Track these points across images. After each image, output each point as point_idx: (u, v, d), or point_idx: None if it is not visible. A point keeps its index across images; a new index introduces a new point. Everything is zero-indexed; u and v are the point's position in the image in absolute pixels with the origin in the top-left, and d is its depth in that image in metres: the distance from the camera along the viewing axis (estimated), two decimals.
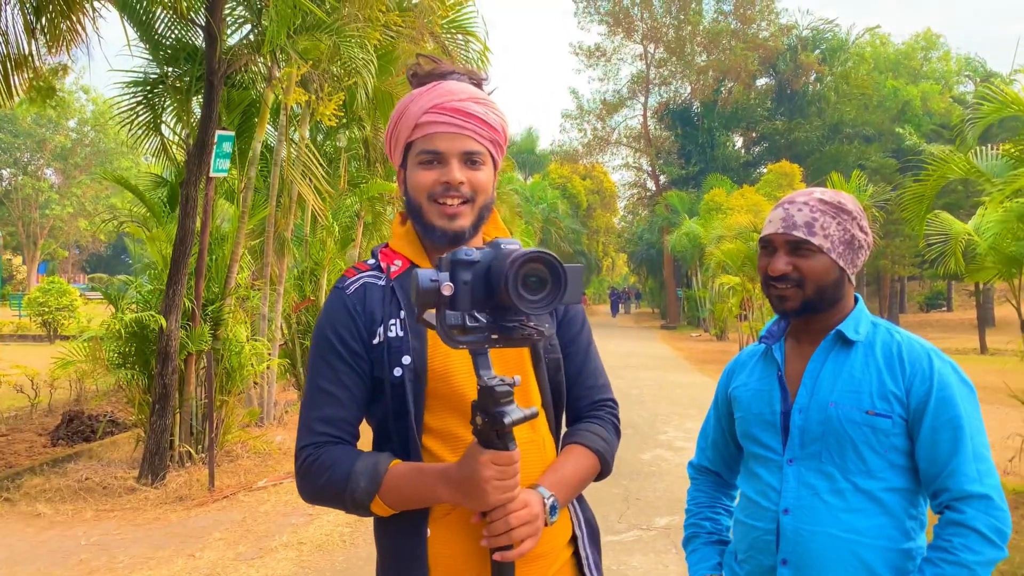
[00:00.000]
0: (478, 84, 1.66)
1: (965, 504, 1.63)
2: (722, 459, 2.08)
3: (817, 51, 40.25)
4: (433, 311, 1.30)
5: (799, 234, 1.75)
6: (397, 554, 1.58)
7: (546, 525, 1.51)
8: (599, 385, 1.77)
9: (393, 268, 1.64)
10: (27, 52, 5.44)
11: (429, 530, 1.55)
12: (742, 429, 1.90)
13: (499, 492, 1.35)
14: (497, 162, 1.67)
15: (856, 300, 1.86)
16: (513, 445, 1.34)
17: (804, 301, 1.77)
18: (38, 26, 5.16)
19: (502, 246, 1.32)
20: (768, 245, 1.82)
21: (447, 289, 1.25)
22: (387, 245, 1.72)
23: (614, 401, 1.79)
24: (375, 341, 1.55)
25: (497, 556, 1.41)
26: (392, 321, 1.57)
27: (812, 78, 40.56)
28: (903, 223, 22.08)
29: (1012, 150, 6.70)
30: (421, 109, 1.58)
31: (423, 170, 1.58)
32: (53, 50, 5.38)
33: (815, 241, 1.75)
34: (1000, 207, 6.36)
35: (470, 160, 1.58)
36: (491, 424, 1.31)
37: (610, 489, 6.52)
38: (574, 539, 1.68)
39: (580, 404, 1.74)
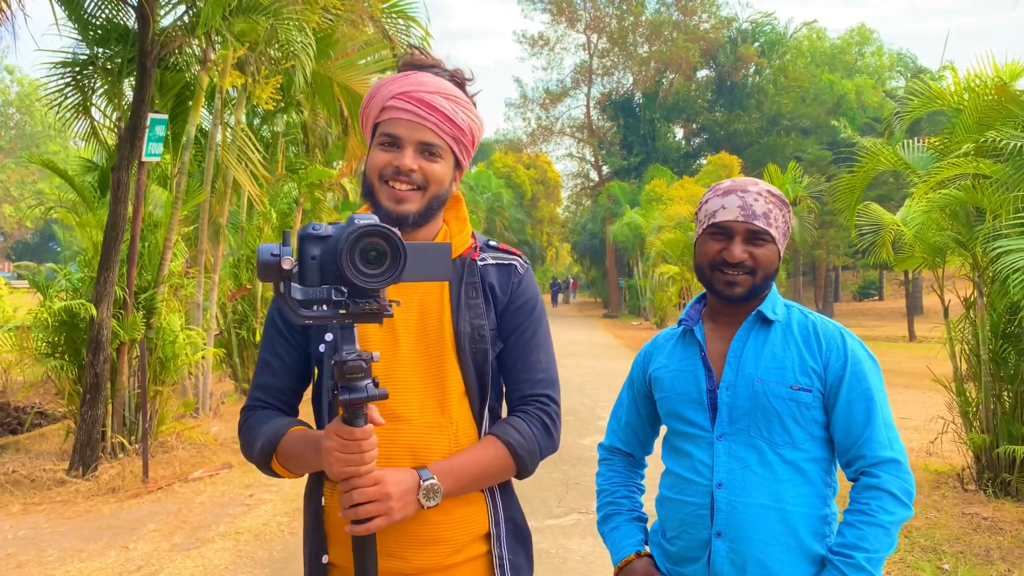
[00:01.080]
0: (460, 83, 1.68)
1: (879, 469, 1.74)
2: (636, 439, 2.13)
3: (756, 44, 41.00)
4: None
5: (760, 224, 1.81)
6: (306, 521, 1.68)
7: (422, 508, 1.50)
8: (535, 380, 1.71)
9: None
10: None
11: (324, 499, 1.63)
12: (667, 408, 1.94)
13: (341, 464, 1.34)
14: (460, 159, 1.68)
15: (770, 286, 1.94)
16: (361, 422, 1.31)
17: (752, 287, 1.83)
18: None
19: (355, 221, 1.28)
20: (725, 231, 1.84)
21: (287, 263, 1.24)
22: None
23: (550, 397, 1.71)
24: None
25: (347, 528, 1.42)
26: None
27: (751, 71, 41.32)
28: (836, 214, 22.72)
29: (937, 143, 6.93)
30: (389, 94, 1.62)
31: (380, 151, 1.62)
32: None
33: (772, 231, 1.83)
34: (925, 198, 6.57)
35: (427, 151, 1.61)
36: (338, 398, 1.30)
37: (550, 474, 6.57)
38: (491, 537, 1.67)
39: (513, 397, 1.73)
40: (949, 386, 6.41)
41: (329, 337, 1.60)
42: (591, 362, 15.53)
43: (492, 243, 1.79)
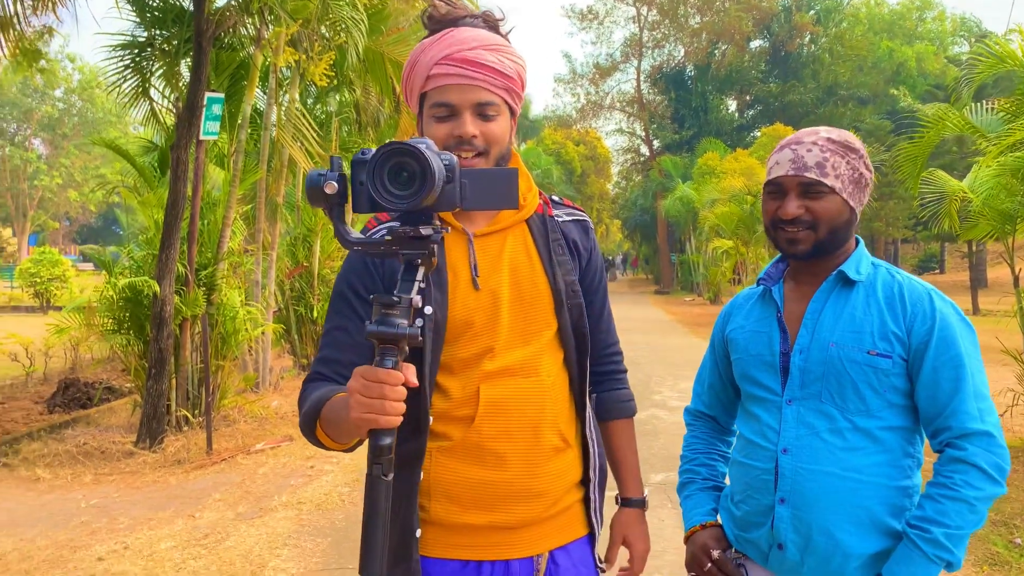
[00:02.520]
0: (494, 27, 1.63)
1: (966, 441, 1.63)
2: (719, 403, 2.07)
3: (812, 12, 39.86)
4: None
5: (811, 175, 1.72)
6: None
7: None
8: (611, 336, 1.87)
9: None
10: (11, 13, 5.34)
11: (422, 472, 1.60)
12: (740, 371, 1.89)
13: (360, 408, 1.21)
14: (514, 110, 1.65)
15: (857, 242, 1.84)
16: (389, 362, 1.20)
17: (816, 243, 1.75)
18: None
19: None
20: (777, 189, 1.78)
21: (329, 188, 1.20)
22: None
23: (620, 351, 1.90)
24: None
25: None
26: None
27: (807, 40, 40.23)
28: (897, 185, 22.09)
29: (1008, 104, 6.67)
30: (432, 60, 1.56)
31: (437, 123, 1.58)
32: (39, 10, 5.29)
33: (827, 182, 1.72)
34: (995, 162, 6.34)
35: (483, 112, 1.57)
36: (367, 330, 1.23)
37: None
38: (585, 482, 1.72)
39: (596, 354, 1.81)
40: (1020, 358, 6.20)
41: (428, 311, 1.57)
42: (644, 337, 15.43)
43: (555, 198, 1.78)
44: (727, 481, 2.01)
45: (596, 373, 1.83)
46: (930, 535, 1.60)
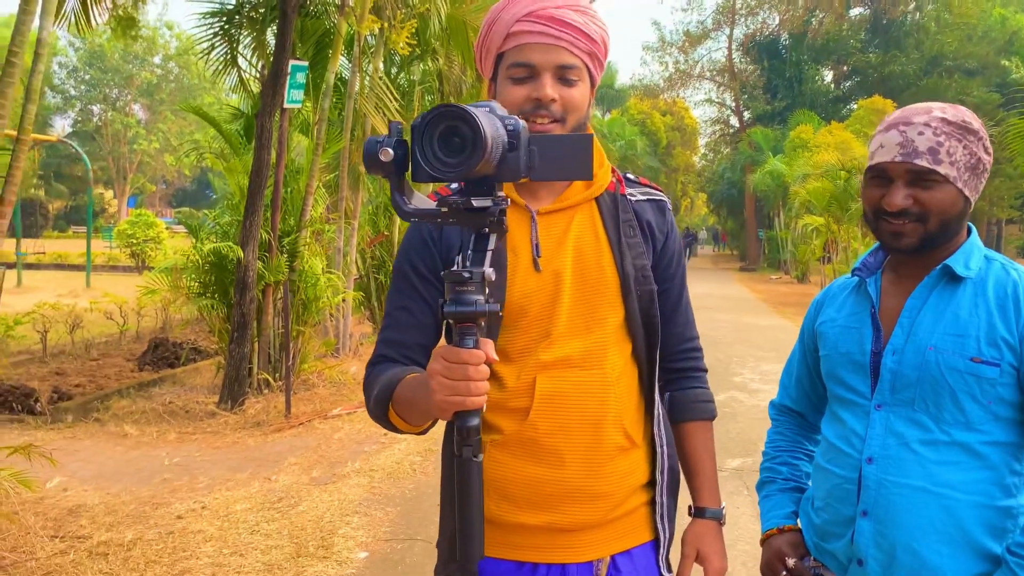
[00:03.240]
0: None
1: None
2: (807, 399, 1.92)
3: None
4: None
5: (923, 163, 1.52)
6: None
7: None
8: (689, 329, 1.72)
9: None
10: None
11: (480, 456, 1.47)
12: (827, 369, 1.73)
13: (444, 391, 1.15)
14: (595, 78, 1.54)
15: (969, 231, 1.63)
16: (470, 342, 1.14)
17: (924, 237, 1.55)
18: None
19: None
20: (882, 175, 1.58)
21: (384, 155, 1.11)
22: None
23: (699, 347, 1.76)
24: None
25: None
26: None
27: (911, 7, 38.25)
28: (1004, 162, 20.88)
29: None
30: (514, 17, 1.47)
31: (514, 85, 1.48)
32: None
33: (941, 170, 1.51)
34: None
35: (564, 76, 1.47)
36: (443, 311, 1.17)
37: None
38: (652, 484, 1.61)
39: (670, 348, 1.68)
40: None
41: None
42: (726, 316, 15.08)
43: (631, 176, 1.66)
44: (810, 481, 1.87)
45: (672, 370, 1.71)
46: None
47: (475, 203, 1.14)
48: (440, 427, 1.52)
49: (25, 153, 3.89)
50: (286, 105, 6.95)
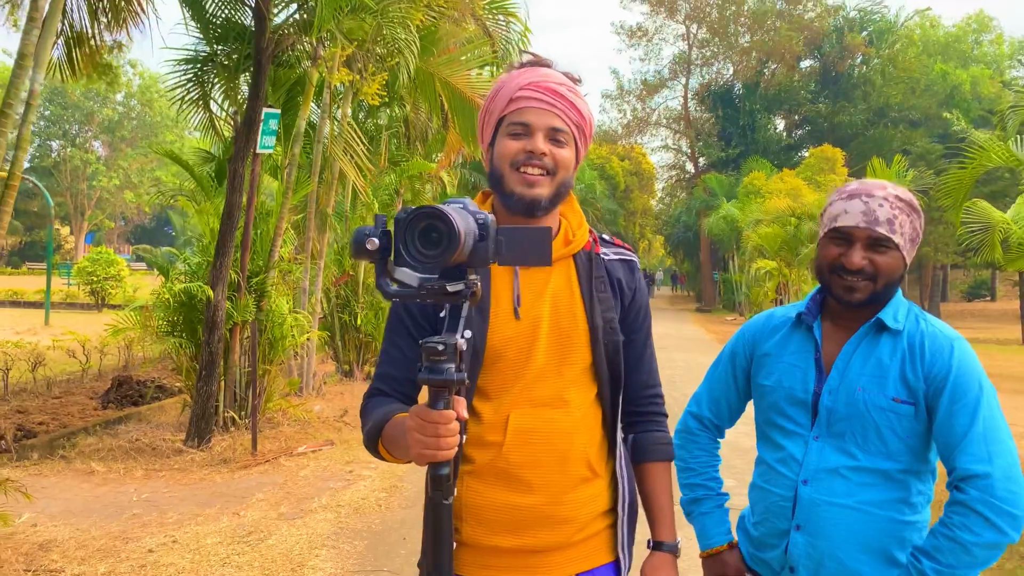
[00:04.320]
0: (577, 83, 1.77)
1: (969, 485, 1.68)
2: (728, 414, 2.16)
3: (864, 33, 39.50)
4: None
5: (883, 231, 1.80)
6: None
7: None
8: (651, 376, 1.90)
9: None
10: (89, 32, 5.69)
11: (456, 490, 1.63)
12: (770, 400, 1.98)
13: (418, 446, 1.32)
14: (579, 149, 1.74)
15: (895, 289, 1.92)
16: (441, 405, 1.31)
17: (872, 294, 1.83)
18: (99, 6, 5.41)
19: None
20: (845, 237, 1.85)
21: (371, 244, 1.30)
22: None
23: (660, 393, 1.93)
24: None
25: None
26: None
27: (858, 60, 39.88)
28: (944, 210, 21.78)
29: None
30: (518, 85, 1.68)
31: (510, 140, 1.67)
32: (113, 30, 5.63)
33: (895, 239, 1.81)
34: None
35: (555, 138, 1.66)
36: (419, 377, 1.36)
37: None
38: (613, 511, 1.78)
39: (634, 394, 1.86)
40: None
41: (467, 335, 1.62)
42: (681, 355, 15.47)
43: (606, 237, 1.87)
44: (728, 491, 2.13)
45: (635, 413, 1.88)
46: (920, 566, 1.72)
47: (449, 288, 1.34)
48: (408, 466, 1.74)
49: (13, 197, 4.08)
50: (259, 151, 7.19)
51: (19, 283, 30.11)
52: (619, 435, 1.81)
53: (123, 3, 5.29)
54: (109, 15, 5.49)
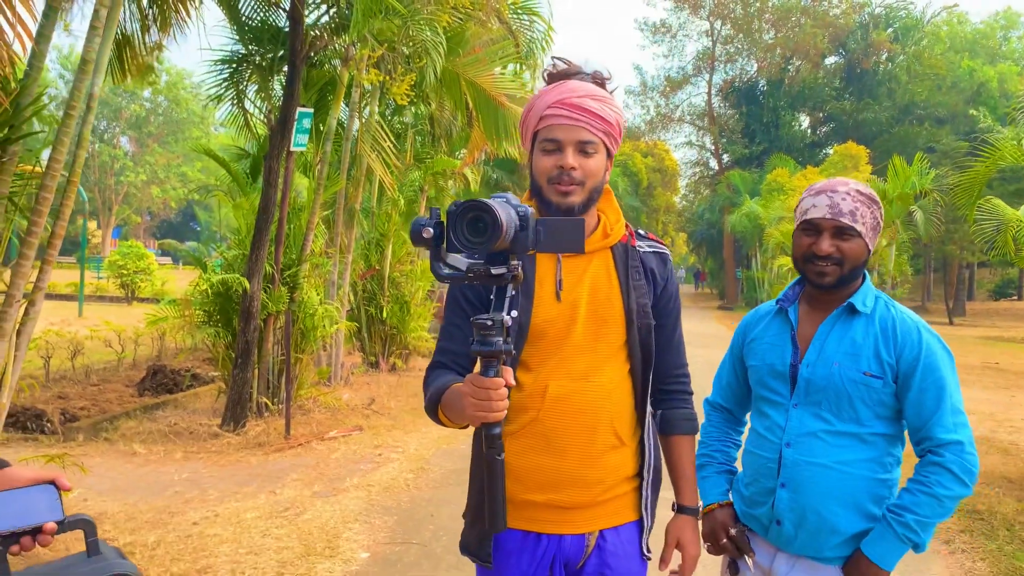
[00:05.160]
0: (601, 83, 1.93)
1: (944, 449, 1.99)
2: (734, 398, 2.46)
3: (890, 30, 39.28)
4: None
5: (846, 220, 2.07)
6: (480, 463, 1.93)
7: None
8: (679, 357, 2.10)
9: None
10: (137, 36, 6.02)
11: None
12: (756, 377, 2.27)
13: (473, 409, 1.51)
14: (611, 150, 1.92)
15: (864, 277, 2.19)
16: (492, 372, 1.49)
17: (840, 277, 2.10)
18: (150, 12, 5.73)
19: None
20: (813, 228, 2.13)
21: (427, 233, 1.49)
22: None
23: (688, 373, 2.14)
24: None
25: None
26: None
27: (883, 57, 39.66)
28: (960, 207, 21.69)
29: None
30: (545, 104, 1.87)
31: (544, 156, 1.87)
32: (163, 33, 5.96)
33: (857, 227, 2.08)
34: None
35: (584, 149, 1.84)
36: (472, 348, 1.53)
37: None
38: (638, 476, 1.98)
39: (663, 373, 2.05)
40: None
41: (513, 314, 1.72)
42: (702, 351, 15.60)
43: (642, 232, 2.06)
44: (738, 465, 2.40)
45: (663, 391, 2.07)
46: (902, 519, 1.99)
47: (493, 271, 1.51)
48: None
49: (75, 191, 4.40)
50: (292, 149, 7.50)
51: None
52: (648, 409, 2.00)
53: (170, 9, 5.60)
54: (157, 21, 5.80)
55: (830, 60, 41.46)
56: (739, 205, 32.38)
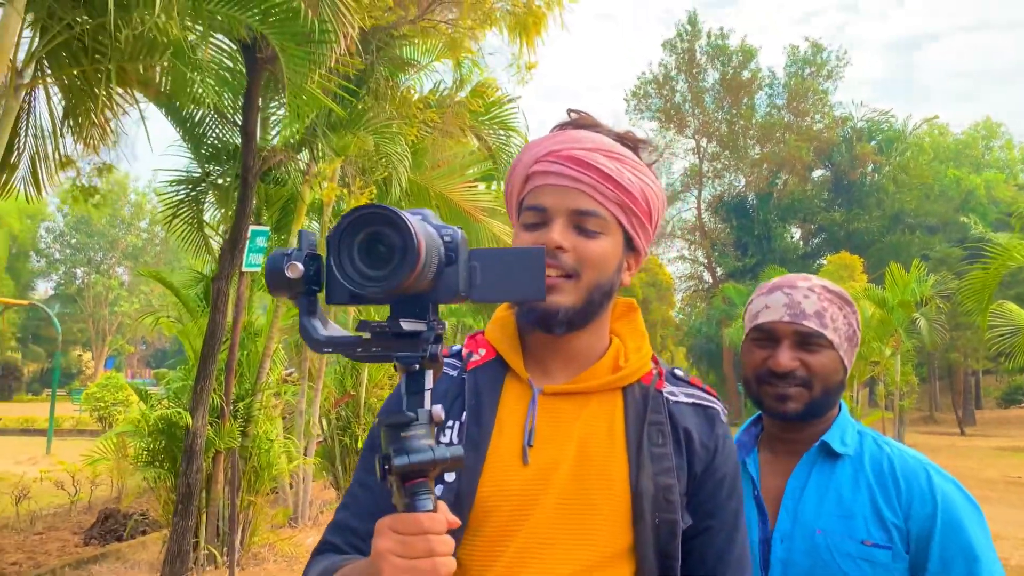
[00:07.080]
0: (633, 146, 1.26)
1: None
2: None
3: (873, 142, 40.06)
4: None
5: (811, 324, 1.48)
6: None
7: None
8: None
9: (475, 357, 1.27)
10: (63, 151, 5.61)
11: None
12: None
13: (398, 572, 0.87)
14: (633, 235, 1.23)
15: (840, 407, 1.56)
16: (428, 503, 0.89)
17: (809, 403, 1.48)
18: (65, 124, 5.31)
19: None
20: (769, 335, 1.52)
21: (292, 271, 0.89)
22: (483, 331, 1.34)
23: None
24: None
25: None
26: (450, 424, 1.19)
27: (869, 169, 40.26)
28: (970, 314, 21.23)
29: None
30: (533, 157, 1.23)
31: (524, 232, 1.21)
32: (87, 149, 5.53)
33: (827, 334, 1.48)
34: None
35: (581, 224, 1.18)
36: (388, 471, 0.91)
37: None
38: None
39: None
40: None
41: (449, 478, 1.15)
42: None
43: (679, 372, 1.31)
44: None
45: None
46: None
47: (405, 326, 0.92)
48: None
49: None
50: (244, 269, 6.96)
51: (36, 409, 30.05)
52: None
53: (91, 125, 5.17)
54: (74, 133, 5.36)
55: (817, 173, 42.13)
56: (736, 318, 31.94)
